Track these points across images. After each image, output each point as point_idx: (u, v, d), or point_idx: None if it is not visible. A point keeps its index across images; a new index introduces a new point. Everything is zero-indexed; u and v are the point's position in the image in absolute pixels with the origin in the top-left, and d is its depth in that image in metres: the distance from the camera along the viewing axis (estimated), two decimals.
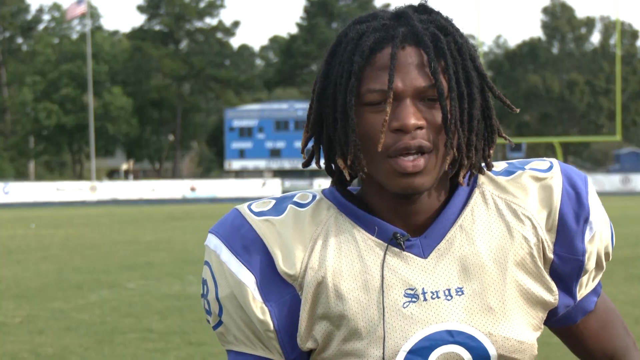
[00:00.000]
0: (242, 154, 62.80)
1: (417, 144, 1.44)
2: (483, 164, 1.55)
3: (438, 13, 1.52)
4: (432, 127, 1.46)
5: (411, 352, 1.48)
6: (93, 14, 74.44)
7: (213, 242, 1.55)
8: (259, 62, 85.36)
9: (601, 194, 36.67)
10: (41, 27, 76.38)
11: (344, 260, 1.50)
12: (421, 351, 1.48)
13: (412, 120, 1.44)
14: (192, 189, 53.69)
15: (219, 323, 1.56)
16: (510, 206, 1.55)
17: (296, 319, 1.51)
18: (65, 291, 11.70)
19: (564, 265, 1.55)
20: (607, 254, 1.62)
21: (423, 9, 1.53)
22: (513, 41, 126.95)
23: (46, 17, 76.70)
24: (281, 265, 1.50)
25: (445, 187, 1.54)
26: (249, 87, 76.35)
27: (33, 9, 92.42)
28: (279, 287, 1.51)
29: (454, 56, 1.48)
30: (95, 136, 63.02)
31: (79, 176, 70.74)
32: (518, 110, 1.61)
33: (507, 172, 1.59)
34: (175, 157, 73.09)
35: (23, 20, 76.31)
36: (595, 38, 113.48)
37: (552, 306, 1.56)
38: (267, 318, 1.50)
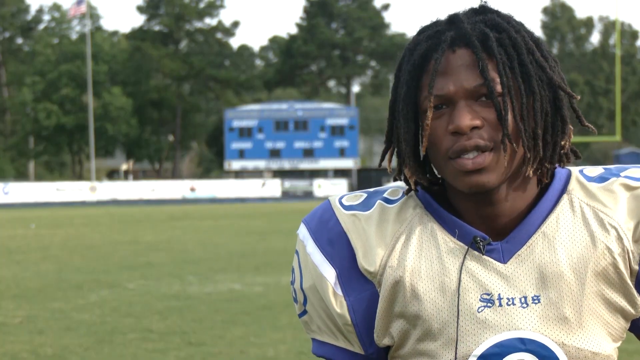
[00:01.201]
0: (241, 154, 62.77)
1: (474, 143, 1.44)
2: (563, 156, 1.54)
3: (495, 12, 1.52)
4: (491, 125, 1.46)
5: (482, 357, 1.48)
6: (93, 14, 74.42)
7: (302, 232, 1.59)
8: (258, 62, 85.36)
9: None
10: (41, 27, 76.38)
11: (423, 261, 1.51)
12: (492, 357, 1.48)
13: (466, 122, 1.44)
14: (192, 189, 53.67)
15: (304, 312, 1.60)
16: (598, 215, 1.52)
17: (374, 314, 1.52)
18: (65, 291, 11.70)
19: None
20: None
21: (482, 10, 1.53)
22: None
23: (46, 17, 76.72)
24: (361, 261, 1.52)
25: (529, 190, 1.53)
26: (248, 88, 76.31)
27: (33, 9, 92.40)
28: (359, 283, 1.53)
29: (509, 52, 1.47)
30: (95, 136, 63.00)
31: (79, 176, 70.72)
32: (579, 98, 1.58)
33: (601, 179, 1.56)
34: (175, 158, 73.06)
35: (23, 21, 76.29)
36: (595, 38, 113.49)
37: (635, 317, 1.54)
38: (345, 312, 1.53)
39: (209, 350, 7.75)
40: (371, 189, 1.61)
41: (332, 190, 53.28)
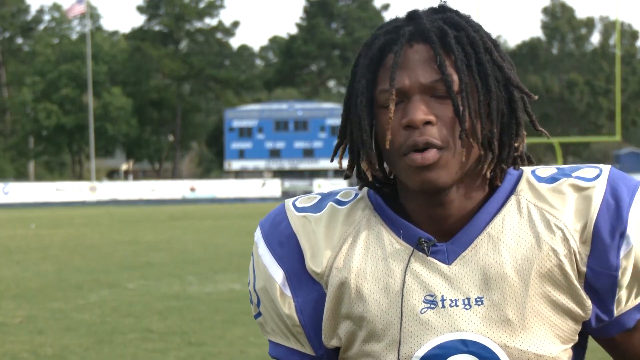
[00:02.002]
0: (241, 154, 62.78)
1: (425, 140, 1.44)
2: (518, 160, 1.53)
3: (454, 11, 1.52)
4: (445, 123, 1.45)
5: (424, 358, 1.47)
6: (93, 14, 74.42)
7: (257, 234, 1.60)
8: (258, 62, 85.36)
9: None
10: (41, 27, 76.38)
11: (369, 262, 1.51)
12: (433, 358, 1.47)
13: (420, 116, 1.43)
14: (192, 189, 53.67)
15: (259, 314, 1.61)
16: (544, 216, 1.50)
17: (322, 316, 1.53)
18: (65, 291, 11.70)
19: (598, 279, 1.49)
20: None
21: (441, 9, 1.53)
22: (513, 41, 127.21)
23: (46, 17, 76.71)
24: (309, 262, 1.53)
25: (480, 191, 1.52)
26: (248, 88, 76.31)
27: (33, 9, 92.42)
28: (307, 284, 1.53)
29: (466, 50, 1.47)
30: (95, 136, 63.00)
31: (79, 176, 70.71)
32: (536, 97, 1.55)
33: (552, 179, 1.54)
34: (175, 158, 73.06)
35: (23, 21, 76.28)
36: (595, 38, 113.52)
37: (584, 319, 1.51)
38: (293, 313, 1.53)
39: (209, 350, 7.75)
40: (326, 191, 1.61)
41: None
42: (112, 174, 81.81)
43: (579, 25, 78.14)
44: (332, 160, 1.61)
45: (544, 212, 1.50)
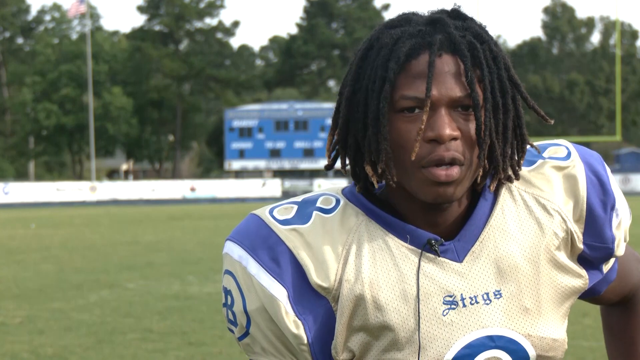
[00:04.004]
0: (242, 154, 62.78)
1: (451, 156, 1.41)
2: (513, 174, 1.52)
3: (472, 20, 1.49)
4: (466, 139, 1.43)
5: None
6: (93, 14, 74.44)
7: (237, 252, 1.51)
8: (259, 62, 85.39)
9: None
10: (42, 27, 76.36)
11: (380, 270, 1.47)
12: (463, 358, 1.46)
13: (448, 131, 1.40)
14: (192, 189, 53.67)
15: (246, 334, 1.52)
16: (539, 201, 1.52)
17: (328, 330, 1.47)
18: (65, 291, 11.70)
19: (594, 252, 1.55)
20: (626, 235, 1.60)
21: (457, 14, 1.49)
22: (513, 41, 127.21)
23: (46, 17, 76.70)
24: (314, 277, 1.46)
25: (467, 192, 1.52)
26: (249, 87, 76.33)
27: (34, 9, 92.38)
28: (312, 300, 1.47)
29: (490, 65, 1.45)
30: (95, 136, 63.00)
31: (79, 176, 70.72)
32: (552, 122, 1.54)
33: (528, 162, 1.55)
34: (175, 158, 73.06)
35: (23, 21, 76.30)
36: (595, 38, 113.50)
37: (583, 290, 1.56)
38: (301, 332, 1.47)
39: (209, 350, 7.75)
40: (298, 199, 1.54)
41: None
42: (112, 174, 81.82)
43: (579, 25, 78.15)
44: (329, 158, 1.55)
45: (538, 197, 1.53)
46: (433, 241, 1.47)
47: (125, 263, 15.18)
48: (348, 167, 1.55)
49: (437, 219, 1.49)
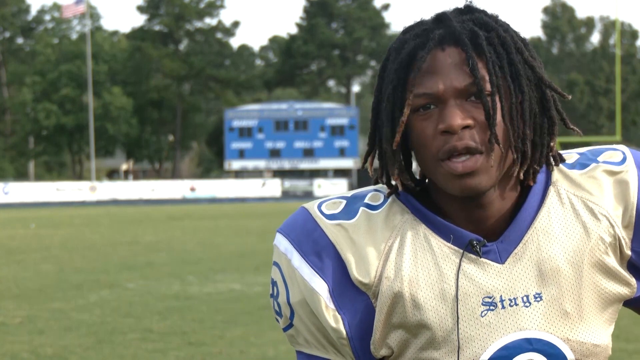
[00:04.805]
0: (241, 154, 62.78)
1: (465, 144, 1.41)
2: (550, 159, 1.52)
3: (482, 11, 1.50)
4: (482, 127, 1.43)
5: None
6: (93, 14, 74.42)
7: (283, 244, 1.52)
8: (258, 62, 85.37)
9: None
10: (41, 27, 76.35)
11: (420, 269, 1.47)
12: None
13: (458, 121, 1.41)
14: (192, 189, 53.67)
15: (290, 325, 1.54)
16: (587, 204, 1.51)
17: (368, 326, 1.49)
18: (65, 291, 11.70)
19: None
20: None
21: (467, 9, 1.51)
22: None
23: (46, 17, 76.69)
24: (355, 273, 1.47)
25: (515, 188, 1.50)
26: (248, 87, 76.31)
27: (34, 9, 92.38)
28: (352, 295, 1.48)
29: (498, 51, 1.45)
30: (95, 136, 63.00)
31: (79, 176, 70.71)
32: (570, 97, 1.56)
33: (581, 165, 1.54)
34: (175, 157, 73.05)
35: (23, 21, 76.29)
36: (595, 38, 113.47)
37: (629, 297, 1.54)
38: (340, 326, 1.48)
39: (209, 350, 7.75)
40: (348, 194, 1.55)
41: (332, 190, 53.28)
42: (112, 174, 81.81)
43: (579, 25, 78.16)
44: (362, 167, 1.57)
45: (586, 201, 1.51)
46: (475, 242, 1.47)
47: (125, 263, 15.18)
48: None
49: (479, 215, 1.48)
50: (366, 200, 1.53)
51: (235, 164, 62.76)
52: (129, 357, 7.55)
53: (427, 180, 1.54)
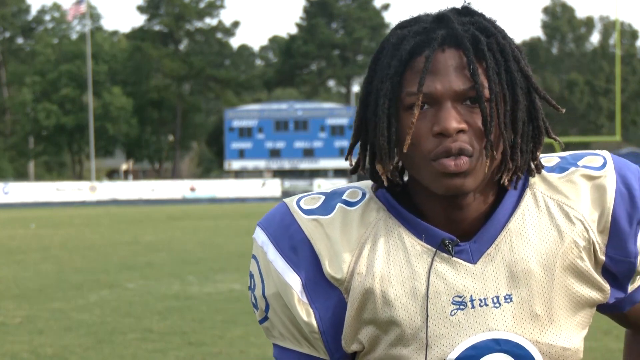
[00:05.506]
0: (241, 154, 62.80)
1: (458, 146, 1.42)
2: (532, 166, 1.51)
3: (481, 15, 1.50)
4: (474, 131, 1.43)
5: None
6: (93, 14, 74.43)
7: (261, 237, 1.54)
8: (258, 62, 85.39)
9: None
10: (41, 27, 76.35)
11: (392, 266, 1.48)
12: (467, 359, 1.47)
13: (454, 124, 1.41)
14: (192, 189, 53.68)
15: (265, 318, 1.56)
16: (562, 208, 1.51)
17: (341, 321, 1.50)
18: (65, 291, 11.70)
19: (616, 266, 1.52)
20: None
21: (466, 11, 1.51)
22: None
23: (46, 17, 76.69)
24: (327, 268, 1.48)
25: (492, 190, 1.51)
26: (248, 87, 76.34)
27: (34, 9, 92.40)
28: (325, 290, 1.49)
29: (496, 58, 1.45)
30: (95, 136, 63.01)
31: (79, 176, 70.72)
32: (564, 110, 1.56)
33: (560, 169, 1.55)
34: (175, 157, 73.07)
35: (23, 21, 76.29)
36: (595, 38, 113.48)
37: (601, 302, 1.54)
38: (312, 320, 1.50)
39: (209, 350, 7.75)
40: (328, 190, 1.56)
41: None
42: (112, 174, 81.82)
43: (579, 25, 78.16)
44: (346, 159, 1.57)
45: (561, 205, 1.51)
46: (447, 241, 1.48)
47: (125, 263, 15.18)
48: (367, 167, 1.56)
49: (457, 216, 1.49)
50: (344, 197, 1.54)
51: (235, 164, 62.77)
52: (129, 357, 7.56)
53: (406, 179, 1.54)
